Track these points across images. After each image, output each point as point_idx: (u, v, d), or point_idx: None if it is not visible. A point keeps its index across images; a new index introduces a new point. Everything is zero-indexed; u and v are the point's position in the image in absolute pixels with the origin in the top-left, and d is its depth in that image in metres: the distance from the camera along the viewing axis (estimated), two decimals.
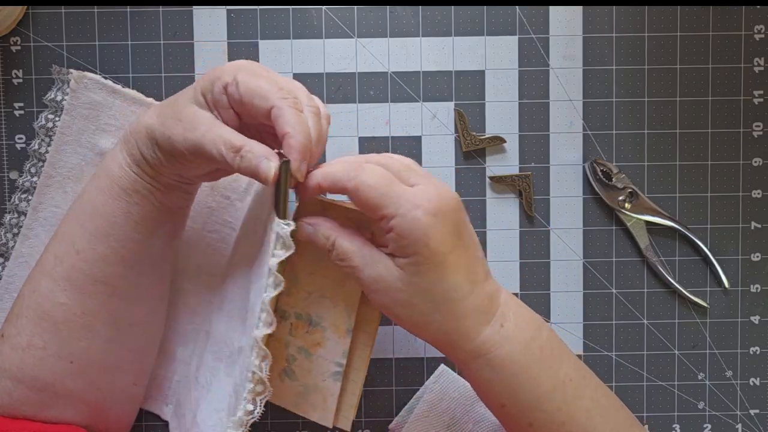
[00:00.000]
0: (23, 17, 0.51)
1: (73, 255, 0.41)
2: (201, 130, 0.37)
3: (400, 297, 0.37)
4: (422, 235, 0.36)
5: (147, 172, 0.40)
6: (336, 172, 0.38)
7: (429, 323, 0.38)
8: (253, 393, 0.38)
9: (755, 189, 0.53)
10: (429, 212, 0.36)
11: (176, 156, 0.39)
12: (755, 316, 0.53)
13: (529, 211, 0.52)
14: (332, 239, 0.39)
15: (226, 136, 0.37)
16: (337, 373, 0.43)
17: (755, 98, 0.53)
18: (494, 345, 0.38)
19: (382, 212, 0.36)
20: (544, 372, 0.39)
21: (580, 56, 0.53)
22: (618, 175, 0.52)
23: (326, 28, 0.52)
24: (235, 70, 0.38)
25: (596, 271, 0.53)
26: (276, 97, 0.36)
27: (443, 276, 0.37)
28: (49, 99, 0.50)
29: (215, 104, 0.38)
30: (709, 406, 0.53)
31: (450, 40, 0.52)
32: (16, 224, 0.51)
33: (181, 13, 0.52)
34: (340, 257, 0.39)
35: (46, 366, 0.41)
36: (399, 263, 0.37)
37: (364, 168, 0.37)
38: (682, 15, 0.53)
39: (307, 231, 0.40)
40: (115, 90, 0.50)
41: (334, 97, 0.52)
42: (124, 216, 0.41)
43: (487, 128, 0.53)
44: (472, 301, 0.38)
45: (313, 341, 0.44)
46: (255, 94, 0.37)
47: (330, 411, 0.44)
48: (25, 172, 0.51)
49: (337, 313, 0.43)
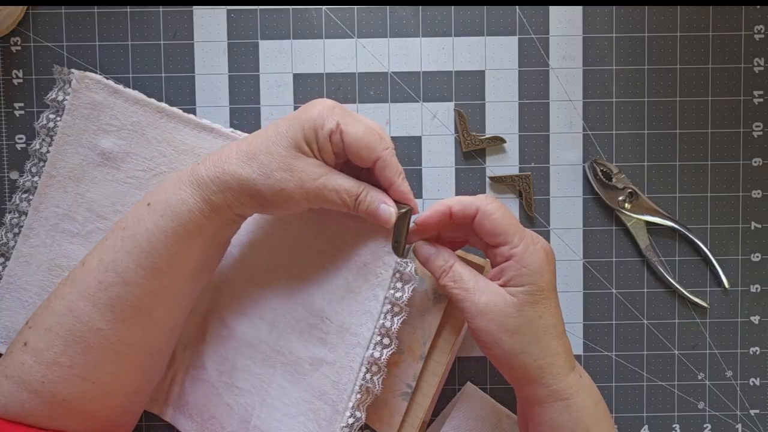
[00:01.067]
0: (23, 17, 0.51)
1: (120, 286, 0.40)
2: (321, 180, 0.40)
3: (507, 323, 0.40)
4: (540, 266, 0.40)
5: (219, 215, 0.41)
6: (467, 197, 0.42)
7: (526, 354, 0.40)
8: (359, 401, 0.43)
9: (755, 189, 0.53)
10: (545, 249, 0.41)
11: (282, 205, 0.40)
12: (755, 316, 0.53)
13: (529, 211, 0.52)
14: (451, 262, 0.42)
15: (343, 183, 0.40)
16: (406, 393, 0.47)
17: (755, 98, 0.53)
18: (576, 392, 0.40)
19: (508, 239, 0.40)
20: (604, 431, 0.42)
21: (580, 56, 0.53)
22: (618, 175, 0.52)
23: (326, 28, 0.52)
24: (335, 117, 0.40)
25: (596, 271, 0.53)
26: (380, 149, 0.40)
27: (549, 310, 0.40)
28: (51, 99, 0.50)
29: (321, 152, 0.40)
30: (709, 406, 0.53)
31: (450, 40, 0.52)
32: (17, 224, 0.51)
33: (181, 13, 0.52)
34: (455, 279, 0.41)
35: (68, 385, 0.40)
36: (512, 292, 0.40)
37: (495, 200, 0.41)
38: (682, 15, 0.53)
39: (428, 252, 0.43)
40: (117, 90, 0.50)
41: (334, 97, 0.52)
42: (185, 258, 0.41)
43: (487, 128, 0.53)
44: (564, 343, 0.41)
45: (392, 360, 0.47)
46: (362, 146, 0.40)
47: (394, 427, 0.47)
48: (26, 172, 0.51)
49: (414, 339, 0.47)
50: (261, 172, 0.39)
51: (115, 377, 0.42)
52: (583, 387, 0.41)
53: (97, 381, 0.41)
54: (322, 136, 0.39)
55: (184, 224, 0.40)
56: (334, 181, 0.40)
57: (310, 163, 0.40)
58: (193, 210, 0.40)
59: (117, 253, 0.40)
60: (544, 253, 0.40)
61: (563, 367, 0.40)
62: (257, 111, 0.52)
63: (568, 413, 0.40)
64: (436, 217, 0.42)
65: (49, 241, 0.50)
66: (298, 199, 0.40)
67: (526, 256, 0.40)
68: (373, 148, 0.40)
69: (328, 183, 0.40)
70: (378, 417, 0.48)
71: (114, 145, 0.50)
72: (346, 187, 0.40)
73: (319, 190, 0.40)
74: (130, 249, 0.40)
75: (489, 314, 0.40)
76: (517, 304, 0.40)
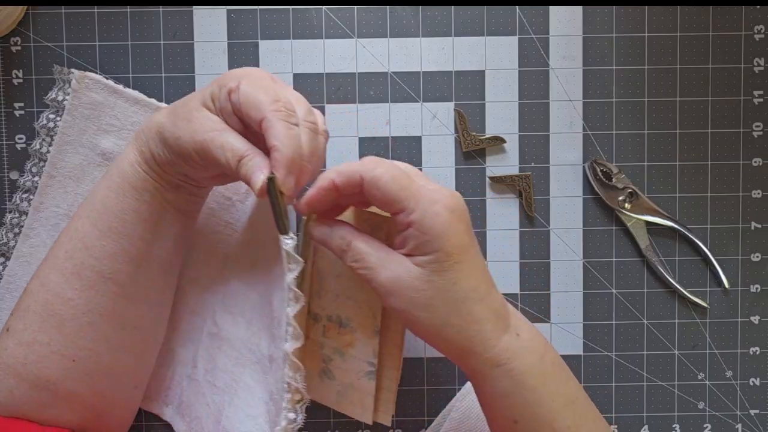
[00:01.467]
0: (23, 17, 0.51)
1: (82, 251, 0.41)
2: (210, 133, 0.38)
3: (418, 298, 0.36)
4: (444, 229, 0.35)
5: (155, 170, 0.41)
6: (351, 165, 0.37)
7: (448, 327, 0.37)
8: (293, 402, 0.39)
9: (755, 189, 0.53)
10: (448, 208, 0.36)
11: (183, 156, 0.39)
12: (755, 316, 0.53)
13: (529, 212, 0.52)
14: (348, 240, 0.38)
15: (232, 142, 0.37)
16: (370, 372, 0.44)
17: (755, 98, 0.53)
18: (513, 355, 0.37)
19: (402, 205, 0.36)
20: (557, 387, 0.38)
21: (580, 56, 0.53)
22: (618, 175, 0.52)
23: (326, 28, 0.52)
24: (241, 77, 0.38)
25: (596, 271, 0.53)
26: (269, 109, 0.36)
27: (463, 274, 0.36)
28: (51, 99, 0.50)
29: (221, 110, 0.39)
30: (709, 406, 0.53)
31: (450, 40, 0.52)
32: (18, 224, 0.51)
33: (181, 13, 0.52)
34: (356, 258, 0.38)
35: (50, 363, 0.41)
36: (418, 261, 0.36)
37: (381, 163, 0.37)
38: (682, 15, 0.53)
39: (322, 232, 0.40)
40: (117, 90, 0.50)
41: (334, 97, 0.52)
42: (134, 213, 0.41)
43: (487, 128, 0.53)
44: (489, 304, 0.37)
45: (345, 342, 0.44)
46: (251, 104, 0.37)
47: (368, 409, 0.45)
48: (27, 172, 0.51)
49: (363, 315, 0.44)
50: (170, 119, 0.40)
51: (95, 354, 0.42)
52: (522, 347, 0.38)
53: (77, 358, 0.41)
54: (224, 93, 0.38)
55: (127, 179, 0.41)
56: (222, 137, 0.37)
57: (207, 117, 0.38)
58: (133, 164, 0.41)
59: (78, 220, 0.42)
60: (447, 212, 0.36)
61: (493, 331, 0.37)
62: None
63: (509, 378, 0.37)
64: (321, 194, 0.38)
65: (49, 241, 0.50)
66: (190, 152, 0.38)
67: (426, 221, 0.35)
68: (259, 107, 0.36)
69: (217, 138, 0.37)
70: (351, 404, 0.45)
71: (114, 145, 0.50)
72: (233, 146, 0.37)
73: (206, 143, 0.37)
74: (87, 213, 0.42)
75: (396, 292, 0.36)
76: (425, 274, 0.36)
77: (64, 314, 0.41)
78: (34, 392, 0.41)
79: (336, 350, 0.45)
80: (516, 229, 0.53)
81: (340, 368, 0.45)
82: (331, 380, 0.45)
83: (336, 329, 0.45)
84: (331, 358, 0.45)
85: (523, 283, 0.53)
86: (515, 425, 0.38)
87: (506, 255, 0.53)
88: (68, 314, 0.41)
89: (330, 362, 0.45)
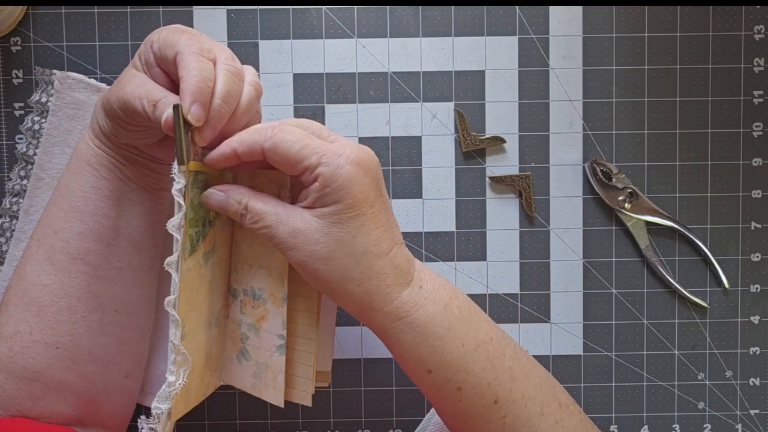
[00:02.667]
0: (23, 17, 0.51)
1: (51, 235, 0.42)
2: (130, 87, 0.38)
3: (318, 251, 0.36)
4: (346, 181, 0.35)
5: (106, 144, 0.42)
6: (252, 134, 0.37)
7: (347, 281, 0.36)
8: (176, 364, 0.37)
9: (755, 189, 0.53)
10: (352, 161, 0.36)
11: (114, 118, 0.40)
12: (755, 316, 0.53)
13: (529, 211, 0.52)
14: (244, 202, 0.38)
15: (150, 90, 0.37)
16: (281, 346, 0.41)
17: (755, 98, 0.53)
18: (415, 306, 0.37)
19: (305, 164, 0.35)
20: (466, 332, 0.38)
21: (580, 56, 0.53)
22: (618, 175, 0.52)
23: (326, 28, 0.52)
24: (163, 28, 0.38)
25: (596, 271, 0.53)
26: (183, 44, 0.36)
27: (364, 228, 0.36)
28: (35, 101, 0.50)
29: (146, 64, 0.39)
30: (709, 406, 0.53)
31: (450, 40, 0.52)
32: (9, 228, 0.51)
33: (181, 13, 0.52)
34: (254, 219, 0.37)
35: (34, 353, 0.41)
36: (318, 213, 0.36)
37: (281, 127, 0.36)
38: (682, 15, 0.53)
39: (218, 198, 0.39)
40: (100, 88, 0.50)
41: (334, 97, 0.52)
42: (94, 191, 0.42)
43: (487, 128, 0.53)
44: (391, 259, 0.37)
45: (258, 315, 0.42)
46: (167, 45, 0.37)
47: (279, 389, 0.41)
48: (15, 176, 0.51)
49: (273, 283, 0.41)
50: (109, 88, 0.40)
51: (76, 339, 0.42)
52: (423, 298, 0.37)
53: (60, 345, 0.42)
54: (146, 45, 0.39)
55: (83, 157, 0.42)
56: (142, 88, 0.37)
57: (132, 74, 0.39)
58: (87, 141, 0.42)
59: (47, 208, 0.43)
60: (351, 165, 0.35)
61: (394, 285, 0.37)
62: None
63: (413, 330, 0.37)
64: (221, 160, 0.38)
65: None
66: (117, 111, 0.38)
67: (327, 173, 0.35)
68: (174, 45, 0.36)
69: (137, 90, 0.37)
70: (264, 384, 0.42)
71: None
72: (150, 93, 0.37)
73: (127, 95, 0.37)
74: (54, 199, 0.43)
75: (297, 245, 0.36)
76: (324, 226, 0.36)
77: (41, 301, 0.41)
78: (23, 385, 0.41)
79: (251, 326, 0.42)
80: (516, 229, 0.53)
81: (255, 346, 0.42)
82: (247, 361, 0.42)
83: (251, 303, 0.42)
84: (248, 336, 0.42)
85: (523, 283, 0.53)
86: (430, 375, 0.38)
87: (506, 255, 0.53)
88: (45, 300, 0.41)
89: (246, 341, 0.42)
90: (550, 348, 0.53)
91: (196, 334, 0.39)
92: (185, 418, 0.53)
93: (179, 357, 0.37)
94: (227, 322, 0.43)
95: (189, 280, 0.38)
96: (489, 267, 0.53)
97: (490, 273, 0.53)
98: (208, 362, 0.41)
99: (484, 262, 0.53)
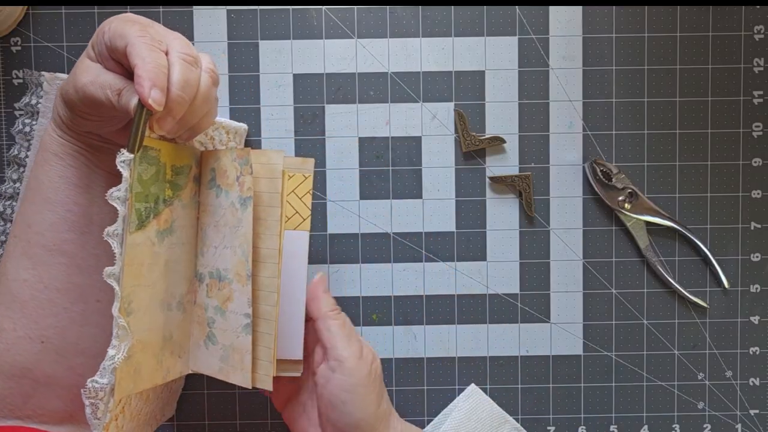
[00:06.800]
0: (23, 17, 0.51)
1: (26, 230, 0.42)
2: (89, 78, 0.38)
3: None
4: None
5: (68, 133, 0.42)
6: None
7: None
8: (118, 338, 0.37)
9: (755, 189, 0.53)
10: None
11: (73, 108, 0.40)
12: (755, 316, 0.53)
13: (529, 212, 0.53)
14: None
15: (110, 79, 0.38)
16: (247, 325, 0.40)
17: (755, 98, 0.53)
18: None
19: None
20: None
21: (579, 56, 0.53)
22: (618, 175, 0.52)
23: (326, 29, 0.52)
24: (114, 18, 0.38)
25: (596, 271, 0.53)
26: (133, 36, 0.36)
27: None
28: (24, 104, 0.50)
29: (99, 55, 0.39)
30: (709, 406, 0.53)
31: (450, 40, 0.52)
32: (3, 231, 0.50)
33: (181, 13, 0.52)
34: None
35: (20, 349, 0.41)
36: None
37: None
38: (682, 15, 0.53)
39: None
40: None
41: (334, 97, 0.52)
42: (62, 180, 0.42)
43: (487, 128, 0.53)
44: None
45: (224, 297, 0.41)
46: (117, 35, 0.37)
47: (247, 371, 0.40)
48: (7, 179, 0.51)
49: (237, 261, 0.41)
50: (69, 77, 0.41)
51: (61, 331, 0.42)
52: None
53: (45, 339, 0.42)
54: (98, 37, 0.39)
55: (48, 148, 0.42)
56: (101, 78, 0.38)
57: (87, 65, 0.39)
58: (50, 132, 0.43)
59: (20, 204, 0.44)
60: None
61: None
62: (257, 111, 0.52)
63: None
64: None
65: None
66: (75, 102, 0.39)
67: None
68: (125, 35, 0.37)
69: (96, 80, 0.38)
70: (231, 367, 0.41)
71: None
72: (111, 83, 0.38)
73: (86, 87, 0.38)
74: (26, 194, 0.43)
75: None
76: None
77: (23, 296, 0.42)
78: (13, 383, 0.41)
79: (217, 309, 0.42)
80: (516, 229, 0.53)
81: (221, 329, 0.41)
82: (214, 345, 0.42)
83: (216, 285, 0.42)
84: (214, 319, 0.42)
85: (523, 283, 0.53)
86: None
87: (506, 255, 0.53)
88: (27, 295, 0.42)
89: (213, 325, 0.42)
90: (550, 348, 0.53)
91: (148, 312, 0.39)
92: (185, 418, 0.53)
93: (120, 331, 0.37)
94: (194, 308, 0.43)
95: (137, 255, 0.39)
96: (489, 267, 0.53)
97: (490, 273, 0.53)
98: (166, 344, 0.41)
99: (484, 262, 0.53)
